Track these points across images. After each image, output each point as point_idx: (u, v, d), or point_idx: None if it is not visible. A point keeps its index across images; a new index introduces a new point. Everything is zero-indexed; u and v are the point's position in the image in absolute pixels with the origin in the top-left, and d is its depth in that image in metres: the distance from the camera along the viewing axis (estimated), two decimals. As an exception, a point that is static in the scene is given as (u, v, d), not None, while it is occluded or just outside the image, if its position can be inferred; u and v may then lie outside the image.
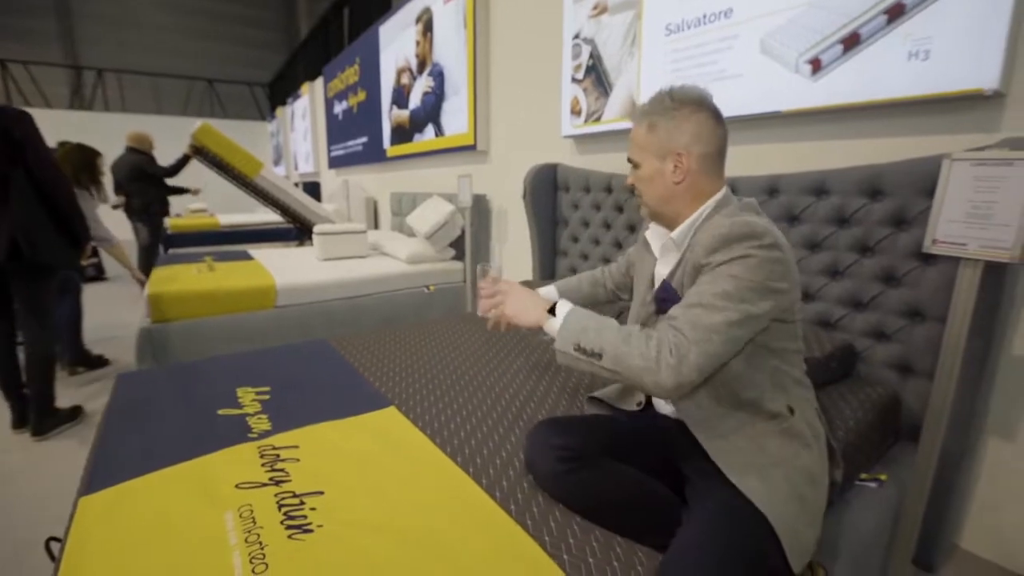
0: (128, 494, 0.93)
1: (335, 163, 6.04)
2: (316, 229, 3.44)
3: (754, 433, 0.89)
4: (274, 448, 1.07)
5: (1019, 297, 1.29)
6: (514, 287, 1.04)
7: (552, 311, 0.95)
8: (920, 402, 1.41)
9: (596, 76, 2.33)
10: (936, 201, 1.10)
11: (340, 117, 5.60)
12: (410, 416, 1.24)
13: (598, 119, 2.34)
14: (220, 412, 1.25)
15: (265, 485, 0.94)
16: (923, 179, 1.34)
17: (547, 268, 2.67)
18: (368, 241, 3.58)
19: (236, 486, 0.94)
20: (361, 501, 0.91)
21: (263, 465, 1.01)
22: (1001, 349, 1.32)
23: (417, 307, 3.16)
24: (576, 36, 2.39)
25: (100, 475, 0.99)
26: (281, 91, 9.61)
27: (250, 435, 1.13)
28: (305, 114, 6.93)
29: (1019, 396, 1.33)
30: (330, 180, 6.47)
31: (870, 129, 1.52)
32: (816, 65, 1.56)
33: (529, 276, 2.89)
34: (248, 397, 1.33)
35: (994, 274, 1.15)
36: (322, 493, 0.92)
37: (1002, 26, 1.22)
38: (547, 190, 2.58)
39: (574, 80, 2.44)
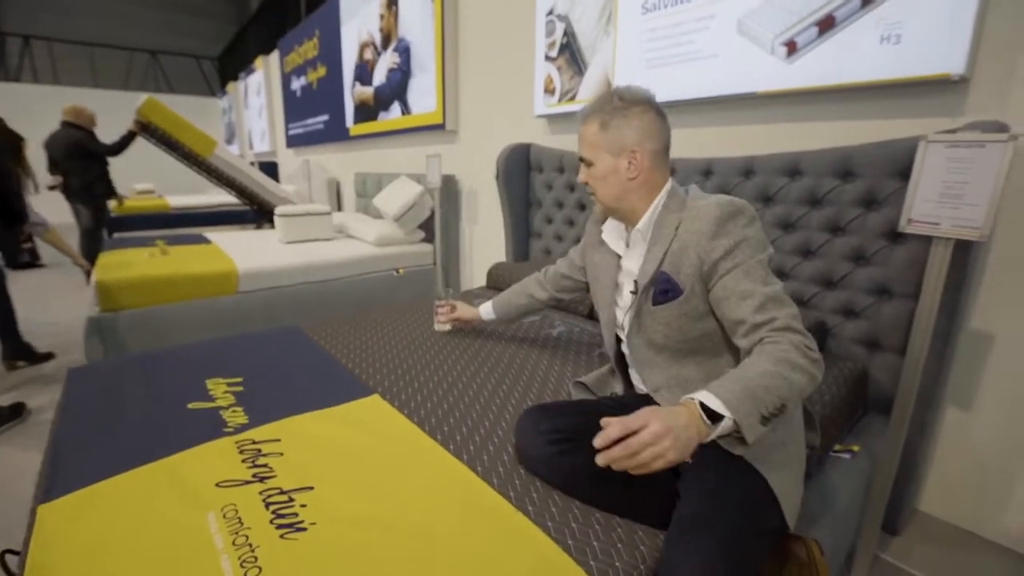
0: (94, 499, 0.87)
1: (293, 142, 5.78)
2: (278, 211, 3.29)
3: None
4: (254, 443, 1.02)
5: (977, 274, 1.36)
6: (651, 418, 0.70)
7: (706, 414, 0.74)
8: (887, 375, 1.48)
9: (570, 54, 2.29)
10: (912, 182, 1.13)
11: (298, 93, 5.34)
12: (395, 404, 1.21)
13: (572, 98, 2.31)
14: (190, 406, 1.17)
15: (248, 482, 0.89)
16: (892, 161, 1.38)
17: (520, 250, 2.65)
18: (333, 223, 3.45)
19: (217, 485, 0.89)
20: (355, 495, 0.87)
21: (244, 461, 0.96)
22: (961, 324, 1.39)
23: (387, 291, 3.09)
24: (550, 12, 2.34)
25: (60, 480, 0.92)
26: (232, 65, 9.09)
27: (226, 429, 1.07)
28: (260, 90, 6.58)
29: (975, 368, 1.41)
30: (289, 160, 6.20)
31: (843, 111, 1.55)
32: (792, 47, 1.58)
33: (502, 258, 2.86)
34: (219, 389, 1.26)
35: (961, 252, 1.20)
36: (312, 488, 0.88)
37: (969, 14, 1.26)
38: (520, 171, 2.54)
39: (548, 58, 2.39)
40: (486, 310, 1.60)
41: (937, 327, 1.25)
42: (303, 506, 0.84)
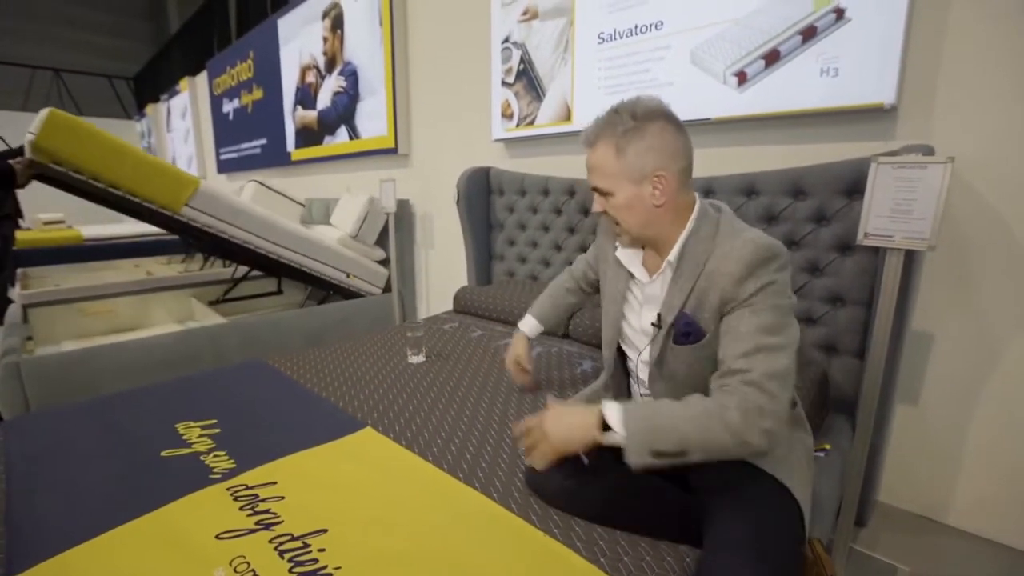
0: (71, 567, 0.76)
1: (226, 167, 5.49)
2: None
3: None
4: (247, 488, 0.94)
5: (917, 280, 1.52)
6: (549, 412, 0.86)
7: (603, 421, 0.81)
8: (845, 376, 1.59)
9: (528, 80, 2.35)
10: (866, 199, 1.25)
11: (231, 117, 5.10)
12: (390, 435, 1.16)
13: (532, 122, 2.37)
14: (164, 454, 1.07)
15: (253, 531, 0.82)
16: (838, 181, 1.52)
17: (483, 273, 2.65)
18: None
19: (217, 537, 0.81)
20: (373, 533, 0.82)
21: (242, 509, 0.88)
22: (906, 326, 1.54)
23: (341, 320, 2.97)
24: (506, 40, 2.40)
25: (22, 551, 0.80)
26: (151, 86, 8.52)
27: (213, 476, 0.98)
28: (186, 113, 6.22)
29: (919, 366, 1.56)
30: (222, 185, 5.87)
31: (791, 136, 1.70)
32: (742, 77, 1.72)
33: (460, 282, 2.84)
34: (193, 433, 1.15)
35: (908, 261, 1.33)
36: (326, 531, 0.82)
37: (895, 50, 1.42)
38: (480, 194, 2.56)
39: (504, 83, 2.45)
40: (531, 326, 1.40)
41: (891, 329, 1.38)
42: (321, 550, 0.78)
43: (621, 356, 1.14)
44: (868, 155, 1.48)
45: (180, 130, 6.59)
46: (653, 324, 0.96)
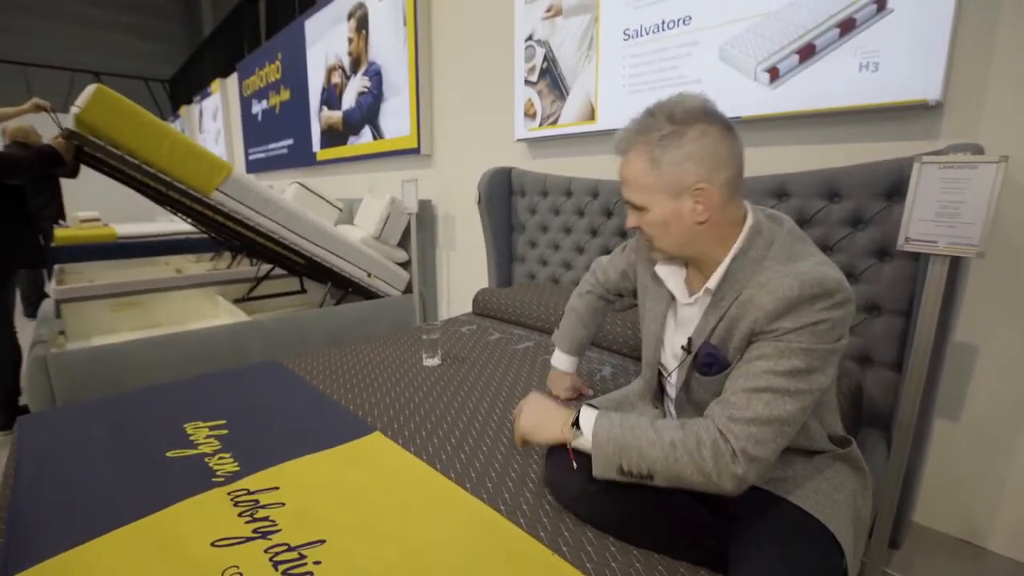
0: (66, 570, 0.75)
1: (254, 167, 5.59)
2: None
3: (812, 464, 0.85)
4: (249, 493, 0.92)
5: (961, 289, 1.41)
6: (530, 399, 0.92)
7: (576, 422, 0.83)
8: (880, 389, 1.50)
9: (551, 79, 2.31)
10: (908, 202, 1.17)
11: (259, 118, 5.20)
12: (399, 441, 1.12)
13: (555, 122, 2.32)
14: (169, 454, 1.06)
15: (250, 539, 0.80)
16: (877, 182, 1.43)
17: (503, 275, 2.61)
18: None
19: (213, 544, 0.79)
20: (373, 545, 0.79)
21: (241, 515, 0.86)
22: (949, 338, 1.43)
23: (360, 321, 2.97)
24: (529, 38, 2.36)
25: (22, 550, 0.79)
26: (186, 88, 8.78)
27: (215, 479, 0.96)
28: (216, 114, 6.37)
29: (961, 379, 1.45)
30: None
31: (826, 135, 1.61)
32: (774, 74, 1.63)
33: (481, 284, 2.81)
34: (200, 434, 1.14)
35: (952, 269, 1.24)
36: (323, 542, 0.79)
37: (942, 43, 1.33)
38: (502, 195, 2.52)
39: (527, 82, 2.41)
40: (569, 363, 1.34)
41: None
42: (317, 563, 0.75)
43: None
44: (910, 155, 1.39)
45: (211, 131, 6.75)
46: (683, 348, 0.88)
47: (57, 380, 2.03)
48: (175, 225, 5.70)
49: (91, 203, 6.51)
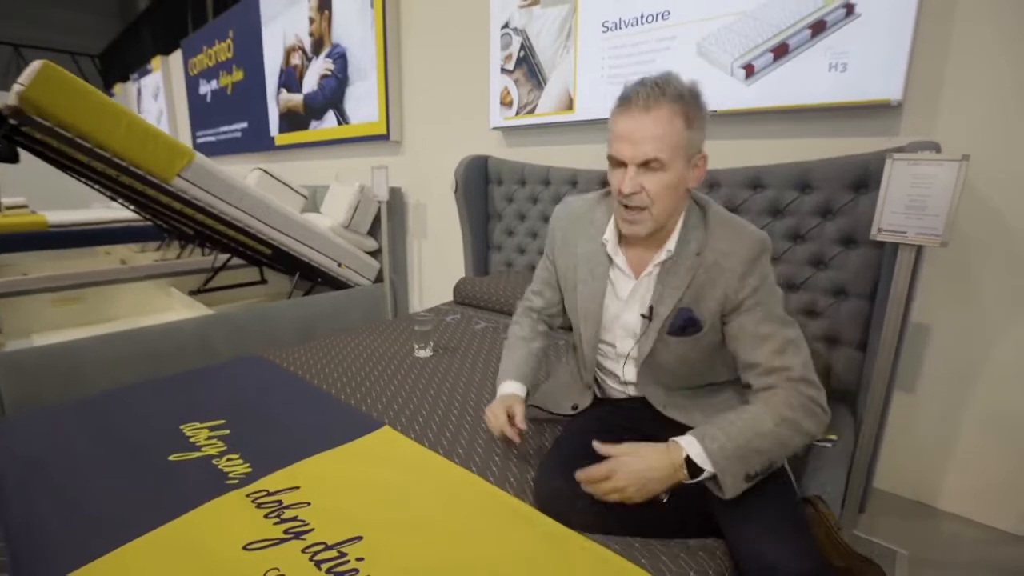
0: (91, 582, 0.72)
1: (203, 151, 5.23)
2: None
3: (729, 403, 0.97)
4: (269, 494, 0.90)
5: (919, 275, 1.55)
6: (621, 463, 0.79)
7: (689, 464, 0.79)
8: (846, 368, 1.62)
9: (529, 68, 2.31)
10: (880, 195, 1.26)
11: (209, 98, 4.90)
12: (411, 435, 1.13)
13: (532, 111, 2.33)
14: (172, 458, 1.02)
15: (283, 540, 0.79)
16: (845, 175, 1.54)
17: (480, 263, 2.61)
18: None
19: (244, 548, 0.77)
20: (410, 538, 0.80)
21: (267, 516, 0.84)
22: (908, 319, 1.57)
23: (332, 312, 2.90)
24: (505, 25, 2.35)
25: (30, 570, 0.75)
26: (119, 64, 8.11)
27: (229, 482, 0.94)
28: (158, 93, 5.95)
29: (917, 356, 1.60)
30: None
31: (797, 130, 1.71)
32: (750, 70, 1.71)
33: (454, 273, 2.81)
34: (201, 435, 1.10)
35: (916, 256, 1.36)
36: (361, 539, 0.79)
37: (904, 47, 1.43)
38: (478, 183, 2.51)
39: (504, 70, 2.40)
40: (516, 390, 1.08)
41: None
42: (360, 559, 0.75)
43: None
44: (873, 151, 1.50)
45: (152, 111, 6.30)
46: (643, 316, 0.94)
47: (5, 383, 1.89)
48: (113, 212, 5.32)
49: (14, 189, 5.96)
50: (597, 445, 0.82)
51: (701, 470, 0.77)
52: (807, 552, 0.75)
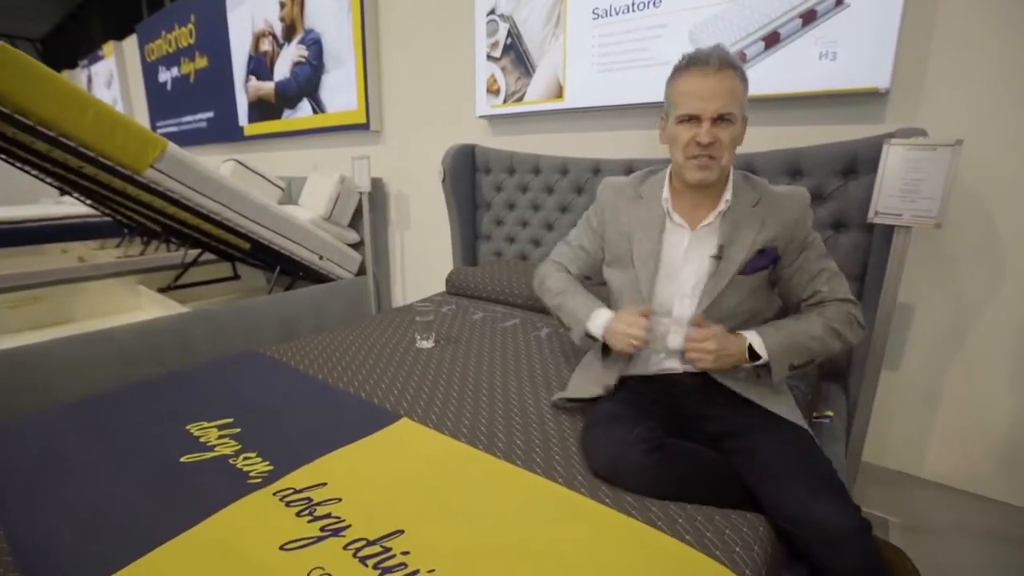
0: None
1: (162, 142, 5.01)
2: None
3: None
4: (296, 491, 0.87)
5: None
6: (715, 334, 1.00)
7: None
8: (836, 348, 1.69)
9: (516, 55, 2.28)
10: (877, 179, 1.31)
11: (169, 87, 4.65)
12: (429, 425, 1.11)
13: (520, 99, 2.31)
14: (184, 460, 0.97)
15: (322, 538, 0.76)
16: (835, 161, 1.59)
17: (469, 253, 2.59)
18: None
19: (281, 548, 0.74)
20: (453, 528, 0.79)
21: (300, 515, 0.81)
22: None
23: (313, 307, 2.82)
24: (491, 12, 2.31)
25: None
26: (66, 49, 7.61)
27: (252, 481, 0.90)
28: (112, 81, 5.61)
29: (901, 334, 1.67)
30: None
31: (788, 117, 1.75)
32: (742, 58, 1.74)
33: (441, 262, 2.78)
34: (211, 435, 1.06)
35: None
36: (402, 532, 0.78)
37: (892, 35, 1.48)
38: (465, 172, 2.48)
39: (490, 58, 2.36)
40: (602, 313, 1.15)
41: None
42: (405, 553, 0.73)
43: None
44: (862, 137, 1.55)
45: (106, 100, 5.95)
46: (714, 256, 1.05)
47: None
48: (64, 208, 5.01)
49: (-47, 183, 5.52)
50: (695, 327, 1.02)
51: (758, 356, 1.00)
52: (851, 510, 0.81)
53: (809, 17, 1.61)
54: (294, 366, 1.44)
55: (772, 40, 1.68)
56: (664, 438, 0.94)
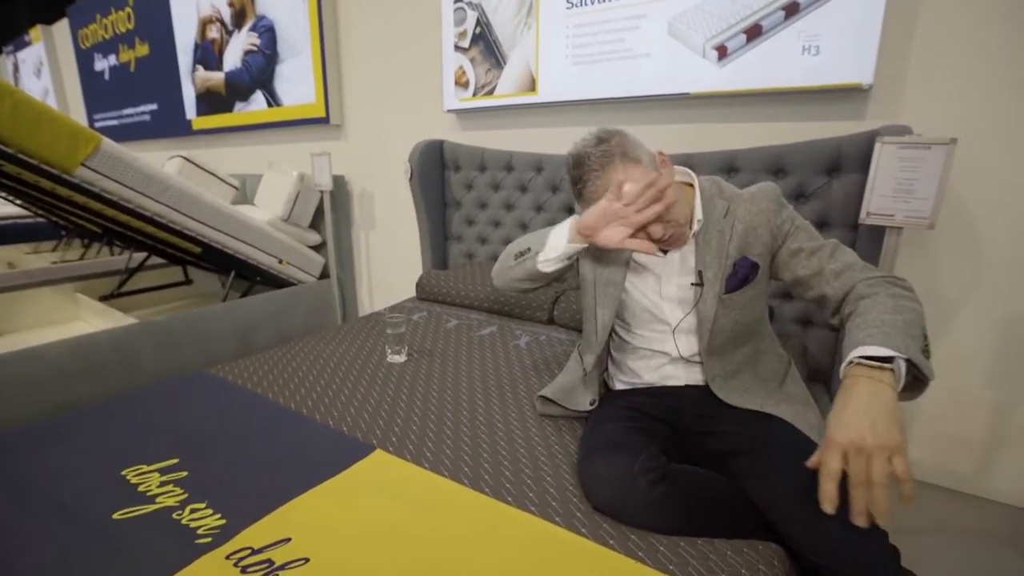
0: None
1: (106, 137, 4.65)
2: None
3: (773, 371, 1.06)
4: (254, 551, 0.75)
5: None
6: (835, 445, 0.67)
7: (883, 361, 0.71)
8: (820, 348, 1.66)
9: (486, 45, 2.16)
10: (870, 179, 1.27)
11: (107, 76, 4.30)
12: (407, 457, 1.00)
13: (491, 92, 2.20)
14: (117, 516, 0.83)
15: (286, 613, 0.64)
16: (819, 159, 1.55)
17: (439, 255, 2.46)
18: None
19: (237, 629, 0.62)
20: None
21: (258, 582, 0.69)
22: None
23: (273, 314, 2.63)
24: (459, 0, 2.18)
25: None
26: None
27: (200, 541, 0.77)
28: (41, 70, 5.16)
29: (884, 334, 1.65)
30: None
31: (770, 113, 1.70)
32: (722, 51, 1.68)
33: (408, 264, 2.65)
34: (151, 481, 0.91)
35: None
36: (381, 597, 0.67)
37: (875, 30, 1.44)
38: (433, 169, 2.35)
39: (458, 48, 2.24)
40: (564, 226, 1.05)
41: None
42: (386, 627, 0.63)
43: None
44: (844, 134, 1.52)
45: (36, 90, 5.45)
46: (694, 284, 1.00)
47: None
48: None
49: None
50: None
51: (890, 361, 0.68)
52: (881, 538, 0.74)
53: (792, 9, 1.55)
54: (251, 388, 1.30)
55: (754, 33, 1.62)
56: (668, 464, 0.87)
